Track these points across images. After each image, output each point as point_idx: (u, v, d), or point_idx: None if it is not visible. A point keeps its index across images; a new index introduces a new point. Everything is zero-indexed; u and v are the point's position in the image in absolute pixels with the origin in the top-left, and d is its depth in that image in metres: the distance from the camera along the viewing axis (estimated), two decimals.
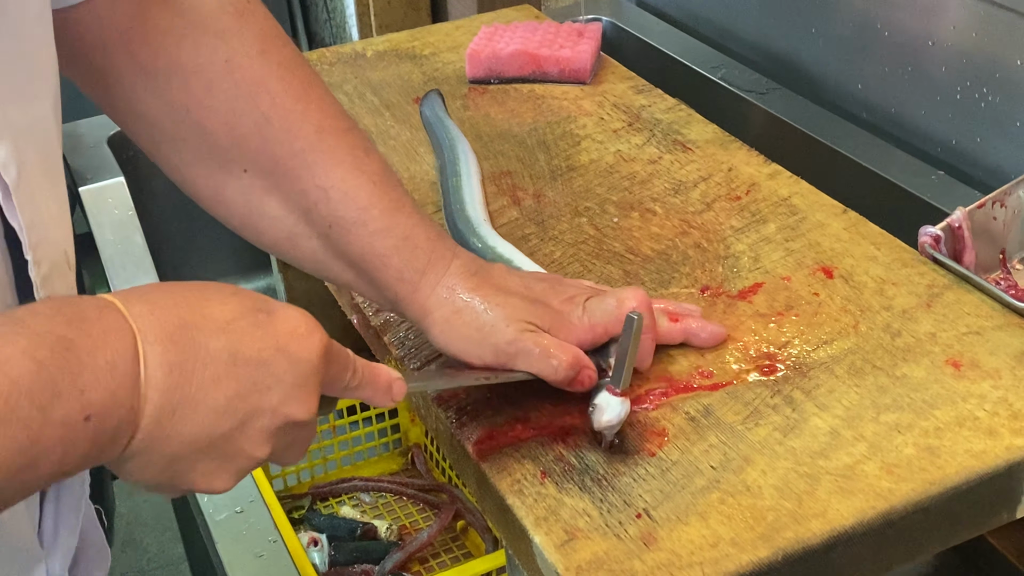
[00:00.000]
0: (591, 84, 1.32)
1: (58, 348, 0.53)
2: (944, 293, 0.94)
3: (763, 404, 0.83)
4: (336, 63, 1.40)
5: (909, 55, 1.24)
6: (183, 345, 0.57)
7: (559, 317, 0.80)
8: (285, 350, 0.60)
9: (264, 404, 0.60)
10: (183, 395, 0.57)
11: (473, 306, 0.79)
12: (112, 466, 0.59)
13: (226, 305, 0.60)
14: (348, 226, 0.78)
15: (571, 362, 0.78)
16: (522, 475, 0.78)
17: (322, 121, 0.79)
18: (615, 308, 0.81)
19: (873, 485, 0.75)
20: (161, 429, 0.57)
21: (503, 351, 0.78)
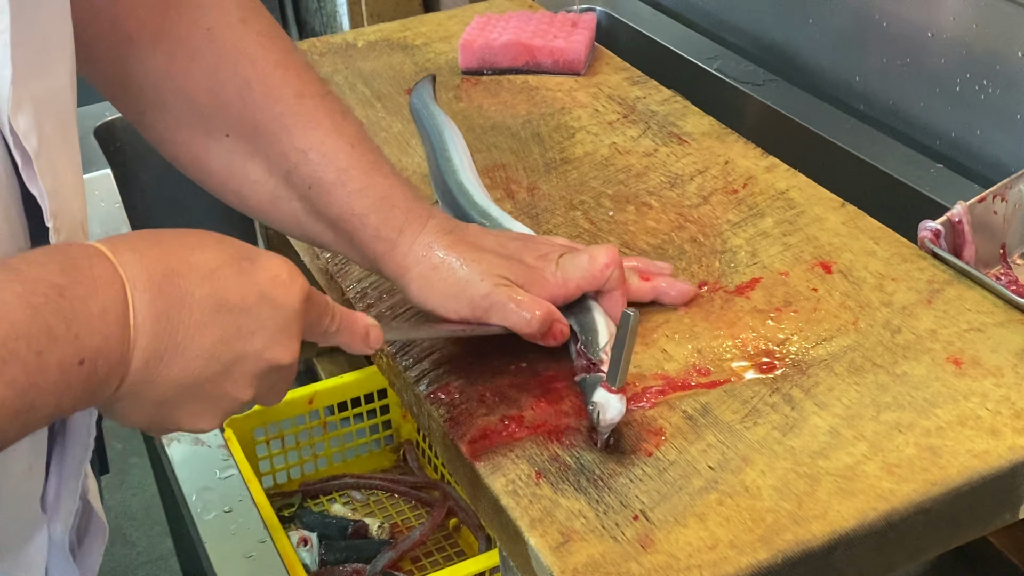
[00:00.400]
0: (585, 75, 1.31)
1: (52, 295, 0.55)
2: (944, 289, 0.93)
3: (762, 403, 0.82)
4: (327, 53, 1.39)
5: (908, 47, 1.23)
6: (170, 293, 0.59)
7: (533, 273, 0.83)
8: (268, 296, 0.63)
9: (248, 349, 0.62)
10: (170, 341, 0.59)
11: (449, 262, 0.81)
12: (102, 408, 0.62)
13: (210, 253, 0.62)
14: (327, 187, 0.80)
15: (544, 316, 0.81)
16: (517, 475, 0.77)
17: (301, 86, 0.81)
18: (587, 264, 0.84)
19: (874, 486, 0.74)
20: (149, 373, 0.59)
21: (478, 305, 0.81)
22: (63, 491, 0.73)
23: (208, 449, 1.07)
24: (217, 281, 0.61)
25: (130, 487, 2.46)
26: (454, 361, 0.87)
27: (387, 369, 0.93)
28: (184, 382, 0.61)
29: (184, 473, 1.04)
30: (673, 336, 0.89)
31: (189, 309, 0.60)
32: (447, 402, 0.84)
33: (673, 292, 0.91)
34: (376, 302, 0.95)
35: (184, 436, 1.08)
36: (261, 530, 0.98)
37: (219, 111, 0.80)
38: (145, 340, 0.58)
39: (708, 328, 0.89)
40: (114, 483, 2.44)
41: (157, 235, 0.62)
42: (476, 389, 0.84)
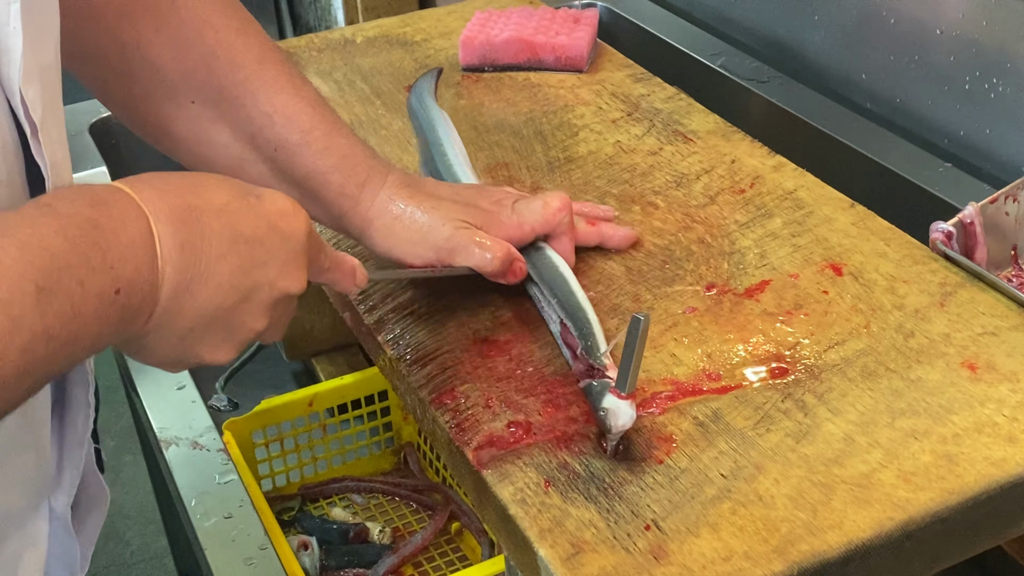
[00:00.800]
0: (588, 72, 1.29)
1: (86, 227, 0.58)
2: (957, 291, 0.91)
3: (774, 408, 0.80)
4: (325, 49, 1.37)
5: (915, 43, 1.22)
6: (190, 225, 0.63)
7: (490, 216, 0.88)
8: (276, 228, 0.67)
9: (263, 278, 0.66)
10: (194, 272, 0.63)
11: (410, 212, 0.86)
12: (129, 345, 0.64)
13: (220, 190, 0.66)
14: (292, 148, 0.85)
15: (504, 255, 0.86)
16: (525, 484, 0.76)
17: (262, 53, 0.85)
18: (541, 209, 0.90)
19: (890, 495, 0.73)
20: (177, 303, 0.62)
21: (442, 248, 0.86)
22: (66, 463, 0.74)
23: (207, 453, 1.05)
24: (230, 215, 0.65)
25: (124, 484, 2.44)
26: (459, 366, 0.86)
27: (390, 373, 0.91)
28: (207, 312, 0.64)
29: (183, 478, 1.03)
30: (682, 340, 0.88)
31: (208, 240, 0.63)
32: (452, 408, 0.83)
33: (617, 237, 0.96)
34: (379, 303, 0.94)
35: (181, 441, 1.06)
36: (261, 536, 0.97)
37: (184, 79, 0.83)
38: (171, 270, 0.61)
39: (718, 331, 0.88)
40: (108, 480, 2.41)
41: (167, 176, 0.65)
42: (482, 394, 0.83)
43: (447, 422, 0.82)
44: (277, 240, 0.67)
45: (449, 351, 0.88)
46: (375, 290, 0.95)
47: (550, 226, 0.90)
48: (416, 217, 0.86)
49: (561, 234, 0.91)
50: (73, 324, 0.56)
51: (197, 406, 1.11)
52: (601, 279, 0.95)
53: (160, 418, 1.10)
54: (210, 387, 1.41)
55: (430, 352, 0.88)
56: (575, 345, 0.83)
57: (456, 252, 0.86)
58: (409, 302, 0.93)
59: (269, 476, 1.24)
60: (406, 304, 0.93)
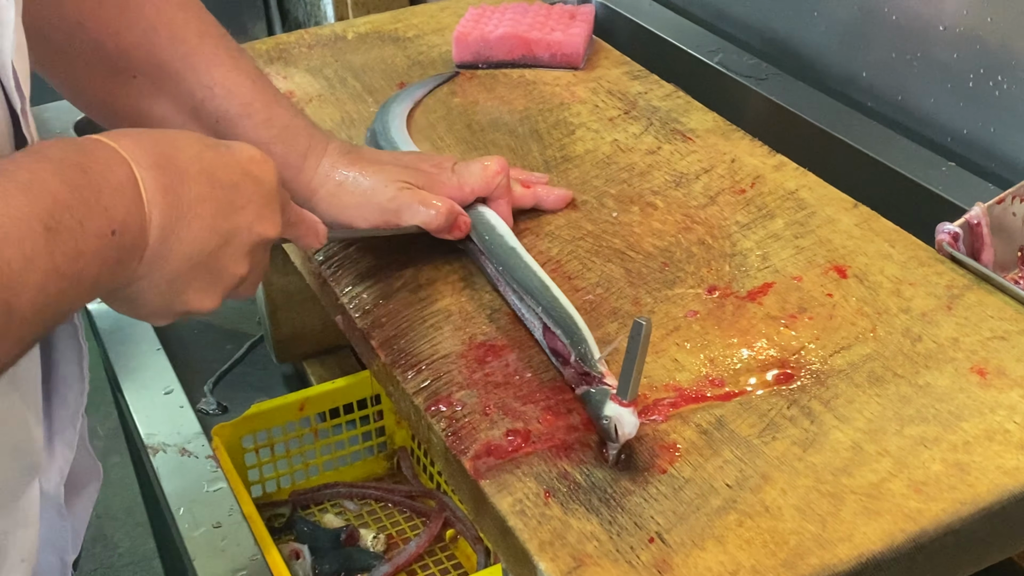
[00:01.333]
0: (584, 69, 1.28)
1: (78, 171, 0.60)
2: (964, 294, 0.90)
3: (779, 416, 0.79)
4: (315, 45, 1.35)
5: (917, 40, 1.20)
6: (169, 170, 0.65)
7: (431, 177, 0.92)
8: (249, 174, 0.70)
9: (241, 222, 0.69)
10: (178, 214, 0.65)
11: (353, 177, 0.90)
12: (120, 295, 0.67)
13: (190, 139, 0.69)
14: (234, 119, 0.87)
15: (448, 210, 0.90)
16: (524, 494, 0.74)
17: (201, 28, 0.88)
18: (481, 170, 0.94)
19: (901, 505, 0.71)
20: (165, 246, 0.65)
21: (387, 208, 0.90)
22: (56, 442, 0.74)
23: (195, 460, 1.03)
24: (204, 161, 0.68)
25: (111, 486, 2.42)
26: (455, 371, 0.84)
27: (383, 378, 0.89)
28: (192, 255, 0.67)
29: (171, 486, 1.01)
30: (684, 344, 0.86)
31: (187, 184, 0.66)
32: (448, 415, 0.81)
33: (551, 198, 1.01)
34: (372, 307, 0.92)
35: (169, 448, 1.04)
36: (251, 545, 0.95)
37: (126, 54, 0.85)
38: (157, 212, 0.64)
39: (720, 336, 0.86)
40: None
41: (139, 131, 0.68)
42: (479, 401, 0.81)
43: (443, 430, 0.80)
44: (251, 185, 0.70)
45: (445, 356, 0.86)
46: (367, 293, 0.93)
47: (489, 188, 0.95)
48: (359, 182, 0.90)
49: (499, 196, 0.96)
50: (78, 263, 0.58)
51: (185, 411, 1.09)
52: (600, 281, 0.93)
53: (147, 423, 1.08)
54: (198, 391, 1.39)
55: (425, 357, 0.86)
56: (565, 352, 0.81)
57: (401, 211, 0.90)
58: (404, 305, 0.91)
59: (259, 482, 1.22)
60: (400, 308, 0.91)
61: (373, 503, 1.23)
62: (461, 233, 0.92)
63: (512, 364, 0.84)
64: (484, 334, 0.88)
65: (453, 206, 0.91)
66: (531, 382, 0.83)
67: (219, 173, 0.68)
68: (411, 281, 0.94)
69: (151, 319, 0.71)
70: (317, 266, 0.98)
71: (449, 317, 0.90)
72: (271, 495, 1.23)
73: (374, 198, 0.89)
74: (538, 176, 1.04)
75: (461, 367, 0.84)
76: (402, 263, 0.96)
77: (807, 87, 1.31)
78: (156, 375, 1.15)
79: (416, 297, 0.92)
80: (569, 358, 0.81)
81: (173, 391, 1.12)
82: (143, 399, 1.12)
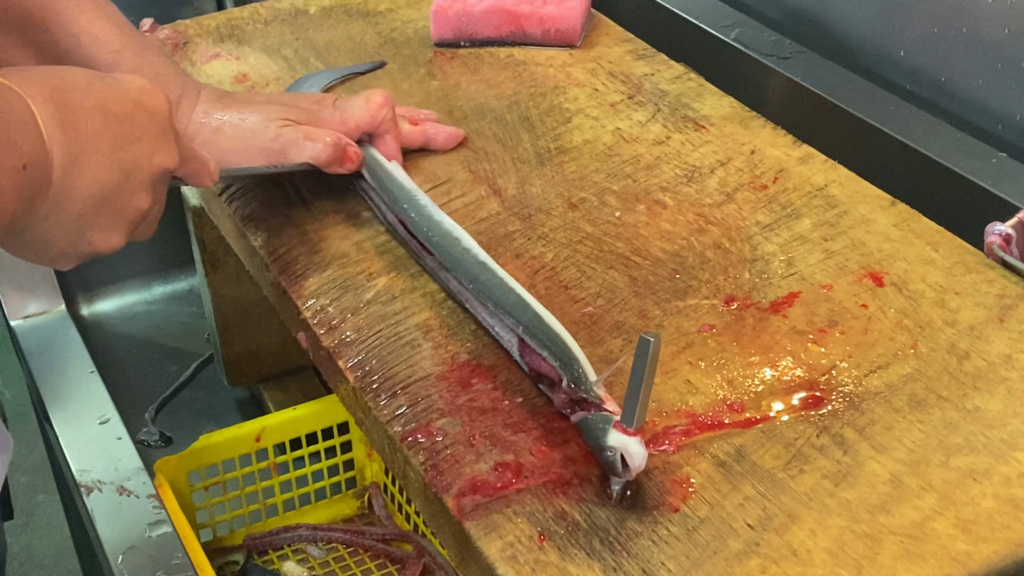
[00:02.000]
0: (581, 48, 1.29)
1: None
2: (1018, 305, 0.91)
3: (807, 445, 0.79)
4: (272, 21, 1.35)
5: (964, 13, 1.21)
6: (65, 105, 0.72)
7: (312, 114, 1.01)
8: (141, 104, 0.78)
9: (139, 154, 0.77)
10: (77, 149, 0.72)
11: (229, 120, 0.98)
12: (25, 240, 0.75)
13: (78, 73, 0.76)
14: (103, 68, 0.92)
15: (335, 140, 0.98)
16: (516, 537, 0.74)
17: None
18: (364, 104, 1.03)
19: (947, 547, 0.72)
20: (68, 181, 0.72)
21: (270, 149, 0.97)
22: None
23: (135, 500, 1.03)
24: (97, 94, 0.75)
25: (37, 529, 2.41)
26: (435, 396, 0.85)
27: (353, 404, 0.90)
28: (95, 191, 0.74)
29: (107, 530, 1.01)
30: (698, 363, 0.87)
31: (83, 119, 0.73)
32: (428, 446, 0.81)
33: (441, 137, 1.09)
34: (340, 322, 0.92)
35: (105, 486, 1.04)
36: None
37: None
38: (57, 147, 0.71)
39: (739, 353, 0.87)
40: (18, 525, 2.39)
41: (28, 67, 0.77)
42: (463, 430, 0.82)
43: (422, 463, 0.80)
44: (144, 116, 0.78)
45: (423, 378, 0.86)
46: (332, 304, 0.94)
47: (375, 122, 1.03)
48: (237, 124, 0.98)
49: (385, 132, 1.04)
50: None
51: (123, 443, 1.10)
52: (601, 291, 0.93)
53: (79, 457, 1.08)
54: (139, 419, 1.39)
55: (400, 380, 0.87)
56: (554, 376, 0.82)
57: (286, 149, 0.97)
58: (376, 320, 0.92)
59: (209, 525, 1.23)
60: (372, 322, 0.92)
61: (341, 548, 1.24)
62: (353, 165, 1.00)
63: (500, 387, 0.85)
64: (468, 352, 0.88)
65: (340, 137, 0.99)
66: (522, 407, 0.83)
67: (112, 106, 0.76)
68: (384, 292, 0.95)
69: (57, 262, 0.78)
70: (276, 274, 0.99)
71: (428, 333, 0.90)
72: (223, 539, 1.24)
73: (255, 140, 0.97)
74: (427, 113, 1.12)
75: (442, 391, 0.85)
76: (374, 272, 0.96)
77: (837, 67, 1.32)
78: (89, 401, 1.15)
79: (390, 310, 0.93)
80: (560, 382, 0.81)
81: (109, 420, 1.12)
82: (75, 429, 1.12)
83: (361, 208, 1.04)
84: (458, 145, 1.11)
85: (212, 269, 1.30)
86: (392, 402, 0.85)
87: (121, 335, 1.62)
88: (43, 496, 2.44)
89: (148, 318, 1.65)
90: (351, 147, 1.00)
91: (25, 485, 2.47)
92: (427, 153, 1.10)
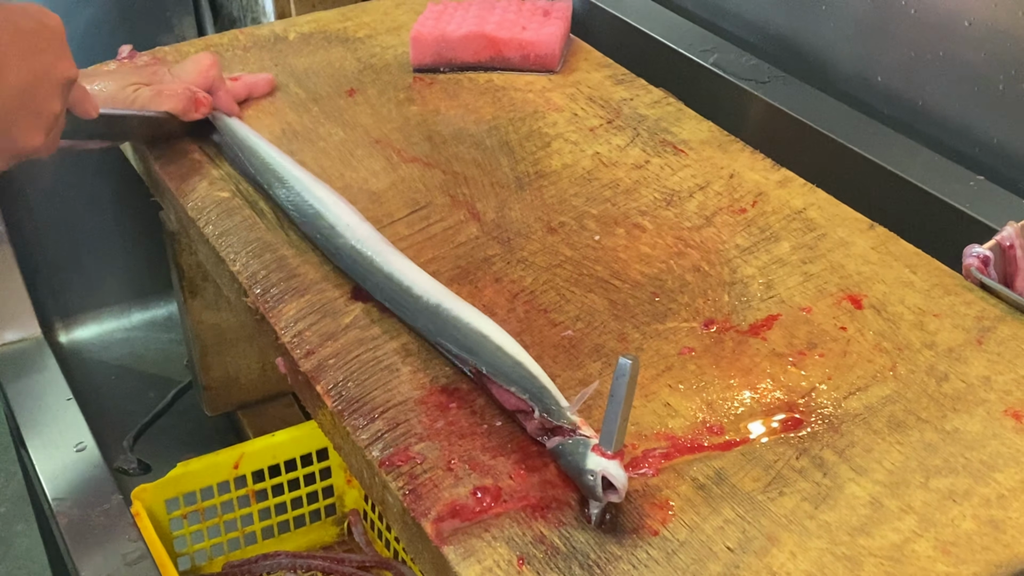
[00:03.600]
0: (560, 73, 1.29)
1: None
2: (997, 327, 0.91)
3: (787, 467, 0.79)
4: (251, 48, 1.35)
5: (940, 37, 1.22)
6: None
7: (154, 78, 1.15)
8: (43, 23, 0.90)
9: (47, 63, 0.89)
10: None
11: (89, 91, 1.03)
12: None
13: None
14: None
15: (183, 91, 1.14)
16: (494, 561, 0.74)
17: None
18: (194, 65, 1.17)
19: (927, 569, 0.72)
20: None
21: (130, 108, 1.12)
22: None
23: (112, 529, 1.03)
24: (4, 12, 0.86)
25: (15, 559, 2.40)
26: (414, 420, 0.84)
27: (331, 429, 0.89)
28: (12, 95, 0.86)
29: (83, 558, 1.00)
30: (677, 386, 0.87)
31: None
32: (407, 471, 0.81)
33: (259, 83, 1.25)
34: (318, 346, 0.92)
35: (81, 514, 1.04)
36: None
37: None
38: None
39: (719, 376, 0.87)
40: None
41: None
42: (442, 454, 0.81)
43: (400, 488, 0.80)
44: (48, 32, 0.89)
45: (402, 403, 0.86)
46: (310, 329, 0.93)
47: (208, 80, 1.17)
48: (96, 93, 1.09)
49: (218, 88, 1.18)
50: None
51: (100, 470, 1.09)
52: (580, 315, 0.93)
53: (55, 485, 1.08)
54: (116, 446, 1.39)
55: (379, 404, 0.86)
56: (525, 408, 0.82)
57: (146, 107, 1.12)
58: (355, 344, 0.91)
59: (187, 553, 1.22)
60: (350, 347, 0.91)
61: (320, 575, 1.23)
62: (206, 109, 1.15)
63: (478, 411, 0.85)
64: (447, 376, 0.88)
65: (187, 88, 1.14)
66: (500, 431, 0.83)
67: (20, 22, 0.87)
68: (363, 316, 0.94)
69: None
70: (255, 298, 0.98)
71: (407, 358, 0.90)
72: (201, 567, 1.23)
73: (115, 103, 1.11)
74: (240, 73, 1.27)
75: (420, 415, 0.85)
76: (351, 296, 0.96)
77: (815, 91, 1.33)
78: (66, 428, 1.15)
79: (368, 335, 0.92)
80: (532, 412, 0.81)
81: (86, 447, 1.12)
82: (51, 456, 1.12)
83: None
84: (437, 170, 1.12)
85: (191, 295, 1.29)
86: (370, 426, 0.85)
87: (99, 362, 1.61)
88: (21, 525, 2.42)
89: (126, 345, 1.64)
90: (199, 93, 1.14)
91: (3, 515, 2.45)
92: (404, 176, 1.10)
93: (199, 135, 1.17)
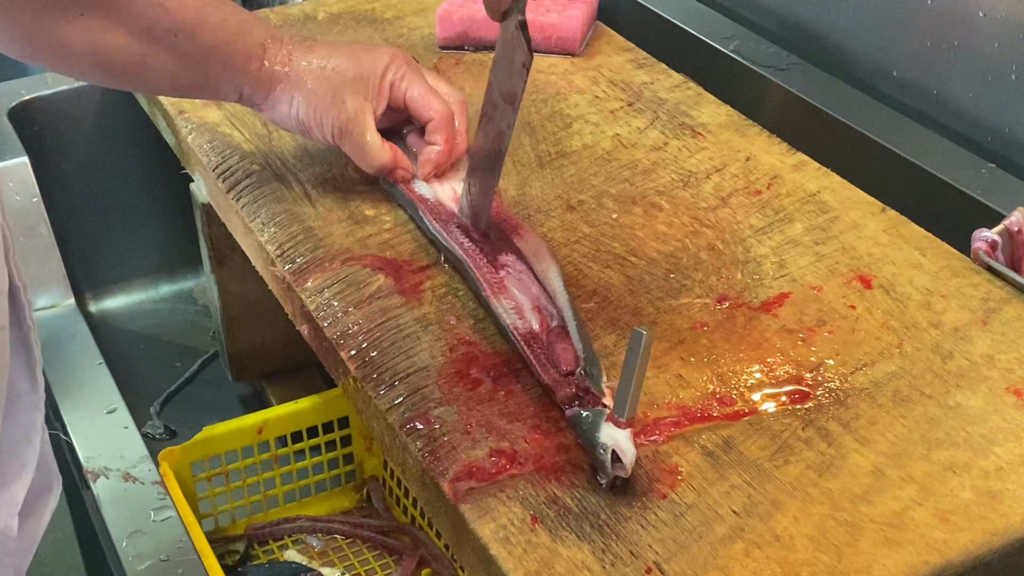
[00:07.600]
0: (582, 56, 1.30)
1: None
2: (1002, 308, 0.93)
3: (793, 437, 0.81)
4: (282, 26, 1.37)
5: (956, 27, 1.23)
6: None
7: None
8: None
9: None
10: None
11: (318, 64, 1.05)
12: None
13: None
14: (192, 28, 0.98)
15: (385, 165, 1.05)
16: (509, 520, 0.76)
17: None
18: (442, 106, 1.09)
19: (925, 536, 0.74)
20: None
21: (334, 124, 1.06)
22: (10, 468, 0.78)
23: (140, 486, 1.05)
24: None
25: None
26: (433, 385, 0.86)
27: (354, 394, 0.92)
28: None
29: (112, 515, 1.02)
30: (689, 359, 0.88)
31: None
32: (426, 433, 0.83)
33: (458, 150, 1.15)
34: (343, 315, 0.94)
35: (112, 472, 1.06)
36: None
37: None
38: None
39: (730, 350, 0.89)
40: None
41: None
42: (460, 418, 0.84)
43: (419, 450, 0.82)
44: None
45: (422, 369, 0.88)
46: (337, 299, 0.96)
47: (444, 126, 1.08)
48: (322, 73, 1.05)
49: None
50: None
51: (130, 432, 1.11)
52: (597, 289, 0.95)
53: (87, 445, 1.10)
54: (144, 412, 1.41)
55: (400, 370, 0.88)
56: (572, 363, 0.84)
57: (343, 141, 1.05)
58: (379, 313, 0.94)
59: (211, 515, 1.24)
60: (374, 315, 0.93)
61: (339, 539, 1.25)
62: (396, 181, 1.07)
63: (496, 378, 0.87)
64: (466, 345, 0.90)
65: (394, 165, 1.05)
66: (518, 397, 0.85)
67: None
68: (387, 286, 0.96)
69: None
70: (281, 269, 1.01)
71: (428, 327, 0.92)
72: (224, 529, 1.25)
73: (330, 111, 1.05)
74: None
75: (440, 381, 0.87)
76: (377, 265, 0.98)
77: (832, 78, 1.34)
78: (97, 392, 1.17)
79: (392, 304, 0.95)
80: (574, 368, 0.83)
81: (116, 410, 1.14)
82: (83, 420, 1.13)
83: (364, 206, 1.06)
84: None
85: (219, 265, 1.31)
86: (391, 392, 0.87)
87: (127, 332, 1.63)
88: None
89: (154, 315, 1.66)
90: (399, 172, 1.06)
91: None
92: None
93: None
